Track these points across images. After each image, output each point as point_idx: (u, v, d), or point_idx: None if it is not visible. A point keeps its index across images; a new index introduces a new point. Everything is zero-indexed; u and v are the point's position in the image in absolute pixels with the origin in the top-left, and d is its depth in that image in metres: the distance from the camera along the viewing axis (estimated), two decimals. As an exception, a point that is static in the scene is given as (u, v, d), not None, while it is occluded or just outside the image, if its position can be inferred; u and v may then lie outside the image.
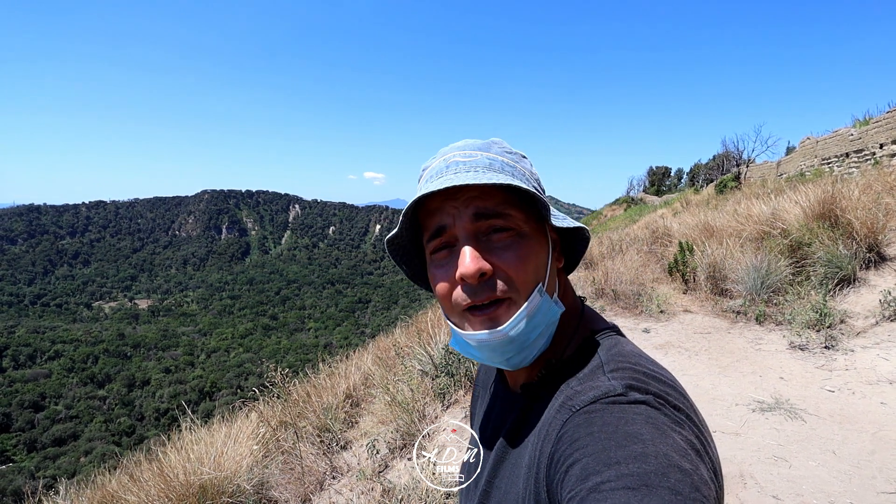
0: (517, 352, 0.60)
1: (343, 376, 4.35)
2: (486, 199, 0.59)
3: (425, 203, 0.63)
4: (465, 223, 0.59)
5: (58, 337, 70.42)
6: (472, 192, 0.59)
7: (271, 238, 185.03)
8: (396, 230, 0.64)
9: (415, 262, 0.72)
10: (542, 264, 0.62)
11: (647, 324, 4.99)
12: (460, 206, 0.59)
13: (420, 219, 0.65)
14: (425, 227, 0.64)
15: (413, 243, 0.69)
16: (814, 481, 2.37)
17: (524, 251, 0.59)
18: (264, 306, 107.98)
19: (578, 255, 0.71)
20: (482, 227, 0.59)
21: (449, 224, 0.60)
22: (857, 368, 3.54)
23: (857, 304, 4.44)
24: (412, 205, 0.61)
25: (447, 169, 0.61)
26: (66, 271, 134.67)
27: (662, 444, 0.44)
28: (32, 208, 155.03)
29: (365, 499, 2.61)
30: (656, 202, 29.73)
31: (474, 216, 0.59)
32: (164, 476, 2.57)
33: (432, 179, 0.61)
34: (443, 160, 0.63)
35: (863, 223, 4.88)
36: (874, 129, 10.78)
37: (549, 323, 0.62)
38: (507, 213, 0.59)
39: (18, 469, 35.61)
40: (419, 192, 0.60)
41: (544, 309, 0.60)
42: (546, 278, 0.61)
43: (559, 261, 0.68)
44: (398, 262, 0.71)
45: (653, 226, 9.97)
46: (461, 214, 0.59)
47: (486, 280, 0.58)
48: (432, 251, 0.63)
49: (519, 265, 0.58)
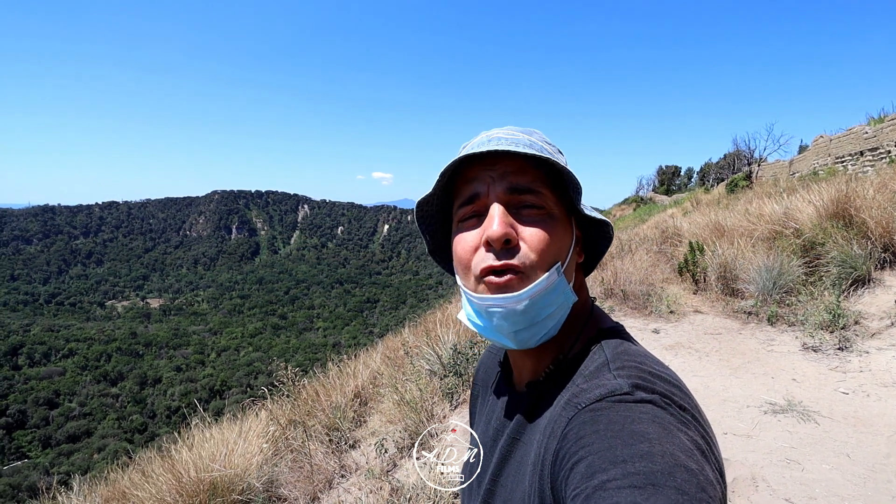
0: (527, 325, 0.60)
1: (351, 375, 4.37)
2: (522, 174, 0.61)
3: (462, 171, 0.64)
4: (498, 193, 0.60)
5: (72, 335, 71.52)
6: (509, 167, 0.61)
7: (280, 238, 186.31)
8: (430, 191, 0.66)
9: (438, 234, 0.73)
10: (564, 248, 0.62)
11: (657, 324, 4.95)
12: (497, 177, 0.61)
13: (455, 186, 0.66)
14: (458, 193, 0.65)
15: (441, 213, 0.71)
16: (827, 484, 2.34)
17: (550, 230, 0.60)
18: (273, 306, 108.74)
19: (599, 254, 0.72)
20: (514, 200, 0.61)
21: (483, 192, 0.61)
22: (871, 370, 3.48)
23: (872, 304, 4.37)
24: (450, 167, 0.62)
25: (489, 142, 0.62)
26: (79, 271, 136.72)
27: (668, 444, 0.44)
28: (47, 209, 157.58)
29: (373, 497, 2.62)
30: (666, 202, 29.47)
31: (508, 189, 0.60)
32: (176, 473, 2.60)
33: (474, 148, 0.62)
34: (485, 136, 0.65)
35: (878, 222, 4.80)
36: (889, 127, 10.59)
37: (561, 305, 0.62)
38: (540, 192, 0.61)
39: (33, 465, 36.28)
40: (460, 154, 0.62)
41: (560, 289, 0.60)
42: (566, 262, 0.62)
43: (580, 256, 0.69)
44: (423, 231, 0.73)
45: (662, 225, 9.90)
46: (496, 185, 0.61)
47: (509, 247, 0.59)
48: (461, 218, 0.64)
49: (543, 242, 0.59)
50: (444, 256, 0.74)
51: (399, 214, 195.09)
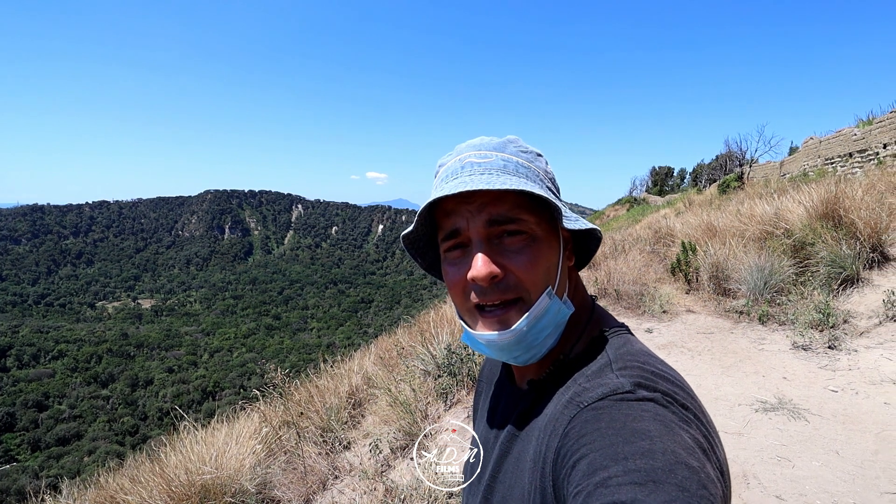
0: (525, 351, 0.62)
1: (345, 376, 4.36)
2: (499, 204, 0.60)
3: (440, 203, 0.64)
4: (478, 227, 0.60)
5: (61, 336, 70.70)
6: (485, 197, 0.60)
7: (274, 238, 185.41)
8: (412, 228, 0.66)
9: (429, 254, 0.74)
10: (553, 266, 0.62)
11: (650, 324, 4.98)
12: (474, 210, 0.61)
13: (435, 216, 0.66)
14: (440, 226, 0.65)
15: (428, 238, 0.71)
16: (817, 481, 2.36)
17: (535, 254, 0.60)
18: (267, 306, 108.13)
19: (590, 252, 0.72)
20: (495, 231, 0.60)
21: (463, 227, 0.61)
22: (860, 368, 3.52)
23: (861, 304, 4.42)
24: (427, 206, 0.62)
25: (462, 170, 0.62)
26: (69, 271, 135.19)
27: (670, 442, 0.44)
28: (36, 208, 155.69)
29: (367, 498, 2.61)
30: (659, 202, 29.65)
31: (487, 222, 0.60)
32: (165, 476, 2.58)
33: (447, 180, 0.63)
34: (458, 160, 0.64)
35: (866, 223, 4.86)
36: (877, 129, 10.73)
37: (557, 324, 0.63)
38: (520, 218, 0.60)
39: (22, 468, 35.76)
40: (434, 191, 0.62)
41: (553, 311, 0.61)
42: (557, 280, 0.62)
43: (570, 259, 0.69)
44: (413, 256, 0.73)
45: (655, 226, 9.96)
46: (475, 219, 0.60)
47: (497, 282, 0.59)
48: (446, 250, 0.65)
49: (530, 268, 0.60)
50: (439, 270, 0.74)
51: (393, 214, 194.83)
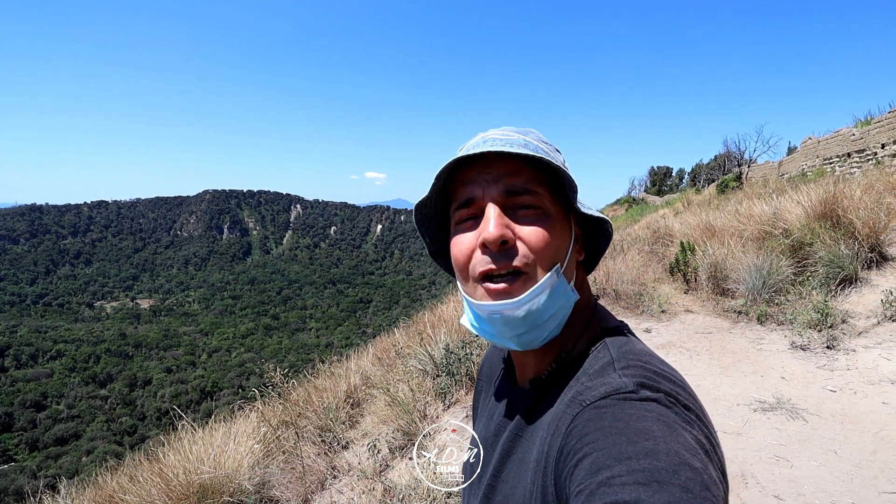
0: (528, 329, 0.60)
1: (344, 376, 4.35)
2: (517, 176, 0.61)
3: (458, 174, 0.64)
4: (494, 196, 0.60)
5: (60, 336, 70.56)
6: (503, 168, 0.61)
7: (273, 238, 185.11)
8: (426, 195, 0.65)
9: (438, 236, 0.73)
10: (563, 247, 0.62)
11: (649, 324, 4.99)
12: (492, 179, 0.61)
13: (451, 189, 0.66)
14: (455, 196, 0.65)
15: (439, 214, 0.71)
16: (815, 481, 2.36)
17: (548, 229, 0.60)
18: (265, 306, 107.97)
19: (599, 252, 0.72)
20: (510, 202, 0.60)
21: (478, 196, 0.61)
22: (858, 368, 3.53)
23: (859, 304, 4.43)
24: (445, 170, 0.62)
25: (484, 143, 0.62)
26: (67, 271, 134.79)
27: (673, 442, 0.44)
28: (34, 208, 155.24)
29: (366, 498, 2.61)
30: (657, 202, 29.68)
31: (504, 191, 0.60)
32: (164, 476, 2.57)
33: (469, 150, 0.62)
34: (481, 137, 0.65)
35: (864, 223, 4.87)
36: (876, 129, 10.75)
37: (562, 306, 0.62)
38: (536, 192, 0.61)
39: (20, 468, 35.67)
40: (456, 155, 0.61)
41: (560, 290, 0.60)
42: (565, 262, 0.62)
43: (580, 254, 0.69)
44: (422, 233, 0.72)
45: (654, 226, 9.96)
46: (491, 188, 0.61)
47: (506, 249, 0.59)
48: (458, 221, 0.64)
49: (540, 241, 0.59)
50: (445, 258, 0.74)
51: (392, 214, 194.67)
